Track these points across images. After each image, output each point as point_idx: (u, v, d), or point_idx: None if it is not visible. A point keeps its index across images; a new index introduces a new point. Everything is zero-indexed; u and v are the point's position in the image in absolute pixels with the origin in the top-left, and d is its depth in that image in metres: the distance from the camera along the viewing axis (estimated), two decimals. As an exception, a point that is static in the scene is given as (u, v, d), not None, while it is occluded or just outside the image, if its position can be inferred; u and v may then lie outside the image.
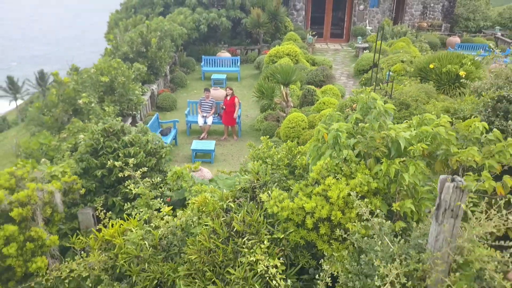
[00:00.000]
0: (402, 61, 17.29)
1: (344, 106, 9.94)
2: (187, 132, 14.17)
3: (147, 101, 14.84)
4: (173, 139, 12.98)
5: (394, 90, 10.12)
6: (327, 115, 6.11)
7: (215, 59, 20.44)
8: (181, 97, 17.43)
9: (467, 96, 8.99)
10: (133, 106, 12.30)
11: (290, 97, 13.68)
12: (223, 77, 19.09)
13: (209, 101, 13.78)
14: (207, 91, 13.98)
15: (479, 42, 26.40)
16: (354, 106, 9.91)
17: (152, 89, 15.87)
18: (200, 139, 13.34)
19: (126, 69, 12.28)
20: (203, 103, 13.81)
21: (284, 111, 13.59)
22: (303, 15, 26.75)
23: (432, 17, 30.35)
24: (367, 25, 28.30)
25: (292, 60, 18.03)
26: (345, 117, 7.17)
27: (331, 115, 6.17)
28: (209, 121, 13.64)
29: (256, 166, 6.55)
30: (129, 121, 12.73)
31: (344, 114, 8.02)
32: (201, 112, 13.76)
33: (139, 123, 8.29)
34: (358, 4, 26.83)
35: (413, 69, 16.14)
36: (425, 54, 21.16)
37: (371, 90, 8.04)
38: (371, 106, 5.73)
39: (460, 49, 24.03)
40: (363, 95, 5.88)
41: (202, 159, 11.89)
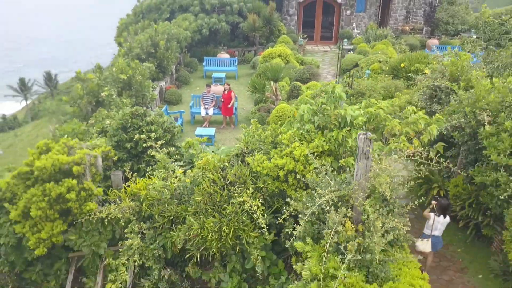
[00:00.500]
0: (379, 61, 19.30)
1: (315, 94, 11.95)
2: (191, 121, 16.22)
3: (157, 96, 16.86)
4: (178, 126, 14.98)
5: (358, 83, 12.16)
6: (299, 99, 8.21)
7: (215, 60, 22.47)
8: (185, 93, 19.45)
9: (415, 88, 11.02)
10: (147, 100, 14.32)
11: (279, 92, 15.72)
12: (223, 75, 21.07)
13: (210, 95, 15.81)
14: (208, 86, 16.02)
15: (455, 44, 28.38)
16: (322, 94, 11.95)
17: (160, 86, 17.91)
18: (202, 127, 15.37)
19: (142, 69, 14.30)
20: (205, 97, 15.84)
21: (274, 103, 15.62)
22: (295, 20, 28.77)
23: (414, 21, 32.32)
24: (355, 28, 30.29)
25: (283, 60, 20.05)
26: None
27: (301, 100, 8.28)
28: (210, 112, 15.68)
29: (246, 137, 8.63)
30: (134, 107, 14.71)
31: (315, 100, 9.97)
32: (203, 104, 15.79)
33: (156, 108, 10.33)
34: (345, 10, 28.83)
35: (387, 68, 18.17)
36: (402, 55, 23.20)
37: (335, 82, 10.11)
38: (331, 93, 7.79)
39: (436, 50, 25.98)
40: (329, 86, 8.00)
41: (204, 142, 13.88)
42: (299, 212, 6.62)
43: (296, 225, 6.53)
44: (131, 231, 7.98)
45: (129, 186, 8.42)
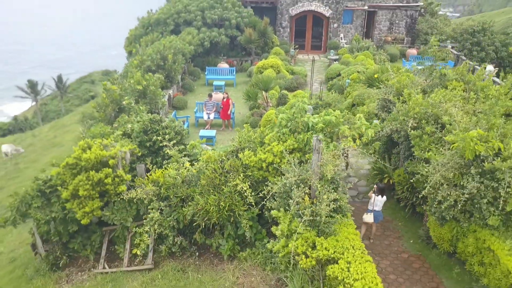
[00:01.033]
0: (358, 71, 21.80)
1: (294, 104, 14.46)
2: (196, 124, 18.76)
3: (166, 102, 19.37)
4: (186, 128, 17.50)
5: (327, 95, 14.70)
6: (279, 109, 10.78)
7: (216, 69, 25.01)
8: (190, 99, 21.98)
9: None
10: (159, 106, 16.85)
11: (269, 100, 18.26)
12: (222, 83, 23.62)
13: (211, 102, 18.34)
14: (210, 96, 18.55)
15: (433, 54, 30.88)
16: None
17: (169, 93, 20.45)
18: (205, 129, 17.88)
19: (155, 80, 16.83)
20: (207, 104, 18.37)
21: (265, 109, 18.15)
22: (288, 31, 31.31)
23: (397, 31, 34.85)
24: (342, 39, 32.83)
25: (275, 70, 22.58)
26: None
27: (280, 110, 10.87)
28: (211, 116, 18.20)
29: (240, 139, 11.19)
30: (152, 115, 17.25)
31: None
32: (206, 110, 18.32)
33: (169, 115, 12.85)
34: (332, 22, 31.36)
35: (364, 78, 20.67)
36: (382, 64, 25.70)
37: (305, 96, 12.63)
38: (300, 105, 10.31)
39: (412, 60, 28.52)
40: (298, 99, 10.55)
41: (206, 142, 16.41)
42: (276, 192, 9.16)
43: (274, 201, 9.07)
44: (153, 207, 10.53)
45: (150, 175, 10.97)
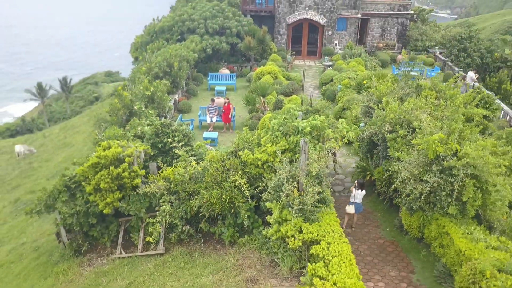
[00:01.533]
0: (349, 78, 23.26)
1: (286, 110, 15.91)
2: (199, 127, 20.23)
3: (172, 106, 20.84)
4: (192, 131, 18.95)
5: (316, 102, 16.18)
6: (272, 115, 12.24)
7: (217, 75, 26.48)
8: (194, 103, 23.45)
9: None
10: (166, 110, 18.31)
11: (267, 104, 19.73)
12: (224, 88, 25.08)
13: (214, 107, 19.80)
14: (212, 101, 20.02)
15: (421, 59, 32.40)
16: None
17: (174, 98, 21.93)
18: (208, 131, 19.33)
19: (162, 87, 18.29)
20: (210, 108, 19.83)
21: (263, 113, 19.61)
22: (285, 38, 32.79)
23: (389, 38, 36.33)
24: (337, 45, 34.29)
25: (272, 77, 24.04)
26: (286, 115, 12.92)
27: (273, 116, 12.34)
28: (214, 119, 19.67)
29: (238, 140, 12.65)
30: (162, 119, 18.72)
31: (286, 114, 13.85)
32: (209, 114, 19.79)
33: (177, 120, 14.32)
34: (327, 30, 32.82)
35: (354, 84, 22.12)
36: (373, 70, 27.16)
37: (297, 102, 14.07)
38: (291, 111, 11.79)
39: (402, 67, 29.95)
40: (289, 106, 12.01)
41: (210, 144, 17.86)
42: (269, 187, 10.62)
43: (268, 194, 10.54)
44: (164, 200, 12.00)
45: (161, 172, 12.44)
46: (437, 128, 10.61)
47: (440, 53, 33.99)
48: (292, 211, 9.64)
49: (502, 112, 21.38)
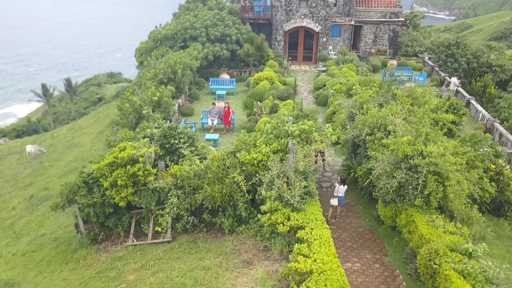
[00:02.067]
0: (340, 83, 24.86)
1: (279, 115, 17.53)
2: (202, 129, 21.86)
3: (176, 110, 22.47)
4: (195, 133, 20.57)
5: (306, 107, 17.81)
6: (267, 119, 13.88)
7: (218, 80, 28.10)
8: (196, 106, 25.07)
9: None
10: (171, 114, 19.94)
11: (263, 108, 21.34)
12: (224, 92, 26.69)
13: (215, 110, 21.42)
14: (213, 104, 21.64)
15: (411, 64, 34.06)
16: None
17: (178, 102, 23.55)
18: (210, 133, 20.94)
19: (167, 92, 19.92)
20: (211, 112, 21.46)
21: (260, 116, 21.22)
22: (282, 45, 34.43)
23: (381, 43, 37.95)
24: (331, 50, 35.91)
25: (269, 82, 25.65)
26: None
27: (268, 120, 13.97)
28: (215, 122, 21.29)
29: (236, 142, 14.26)
30: (168, 122, 20.35)
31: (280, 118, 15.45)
32: (210, 117, 21.41)
33: (182, 124, 15.95)
34: (322, 37, 34.45)
35: (344, 89, 23.72)
36: (364, 75, 28.80)
37: (289, 108, 15.68)
38: (282, 118, 13.39)
39: (394, 73, 31.58)
40: (284, 110, 13.64)
41: (211, 145, 19.46)
42: (264, 181, 12.24)
43: (262, 187, 12.15)
44: (172, 194, 13.63)
45: (169, 169, 14.06)
46: (408, 131, 12.23)
47: (429, 58, 35.58)
48: (282, 203, 11.25)
49: (480, 114, 23.03)
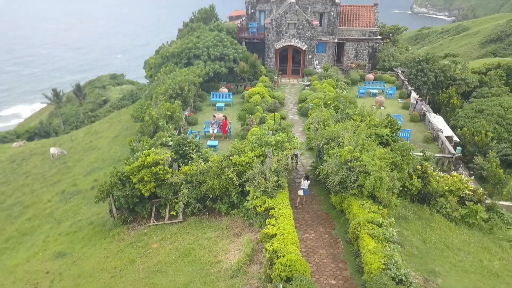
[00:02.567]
0: (319, 98, 29.84)
1: (263, 127, 22.54)
2: (204, 136, 26.93)
3: (184, 120, 27.51)
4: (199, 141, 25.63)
5: (282, 122, 22.88)
6: (254, 131, 19.04)
7: (218, 94, 33.16)
8: (200, 117, 30.15)
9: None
10: (180, 124, 24.98)
11: (254, 120, 26.41)
12: (223, 104, 31.74)
13: (215, 121, 26.48)
14: (214, 117, 26.69)
15: (386, 78, 39.11)
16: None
17: (185, 114, 28.62)
18: (211, 139, 25.97)
19: (178, 108, 24.97)
20: (212, 122, 26.52)
21: (251, 126, 26.27)
22: (274, 61, 39.51)
23: (362, 58, 42.99)
24: (317, 65, 40.94)
25: (260, 96, 30.69)
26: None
27: (254, 132, 19.17)
28: (215, 131, 26.36)
29: (231, 148, 19.37)
30: (178, 131, 25.42)
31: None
32: (211, 126, 26.47)
33: (189, 133, 21.05)
34: (308, 54, 39.51)
35: (322, 103, 28.70)
36: (343, 89, 33.82)
37: (276, 119, 20.80)
38: (264, 130, 18.59)
39: (367, 85, 36.72)
40: (268, 121, 18.83)
41: (212, 150, 24.53)
42: (249, 178, 17.29)
43: (248, 182, 17.21)
44: (183, 187, 18.69)
45: (181, 169, 19.11)
46: (352, 142, 17.28)
47: (402, 72, 40.61)
48: (260, 192, 16.31)
49: (430, 125, 28.07)
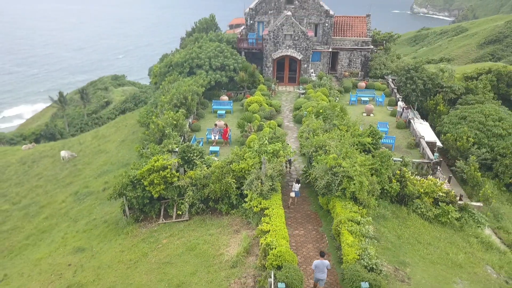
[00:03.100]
0: (312, 106, 32.16)
1: (262, 135, 24.87)
2: (207, 142, 29.29)
3: (188, 128, 29.86)
4: (201, 147, 27.98)
5: (278, 130, 25.31)
6: (253, 137, 21.50)
7: (219, 102, 35.53)
8: (202, 124, 32.51)
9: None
10: (184, 131, 27.34)
11: (252, 128, 28.78)
12: (224, 111, 34.09)
13: (216, 129, 28.84)
14: (215, 125, 29.05)
15: (377, 86, 41.42)
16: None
17: (189, 121, 31.00)
18: (212, 145, 28.31)
19: (183, 117, 27.34)
20: (213, 129, 28.89)
21: (249, 133, 28.63)
22: (271, 70, 41.90)
23: (355, 67, 45.36)
24: (313, 73, 43.28)
25: (258, 104, 33.03)
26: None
27: (252, 139, 21.67)
28: (216, 137, 28.72)
29: (232, 154, 21.78)
30: (182, 138, 27.77)
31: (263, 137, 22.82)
32: (213, 133, 28.83)
33: (195, 142, 23.44)
34: (303, 63, 41.88)
35: (315, 111, 31.04)
36: (335, 97, 36.15)
37: (272, 128, 23.25)
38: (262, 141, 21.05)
39: (358, 93, 39.02)
40: (265, 129, 21.27)
41: (214, 155, 26.87)
42: (247, 182, 19.66)
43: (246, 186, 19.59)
44: (189, 189, 21.06)
45: (186, 173, 21.48)
46: (336, 150, 19.63)
47: (392, 80, 42.92)
48: (257, 194, 18.67)
49: (414, 131, 30.43)
